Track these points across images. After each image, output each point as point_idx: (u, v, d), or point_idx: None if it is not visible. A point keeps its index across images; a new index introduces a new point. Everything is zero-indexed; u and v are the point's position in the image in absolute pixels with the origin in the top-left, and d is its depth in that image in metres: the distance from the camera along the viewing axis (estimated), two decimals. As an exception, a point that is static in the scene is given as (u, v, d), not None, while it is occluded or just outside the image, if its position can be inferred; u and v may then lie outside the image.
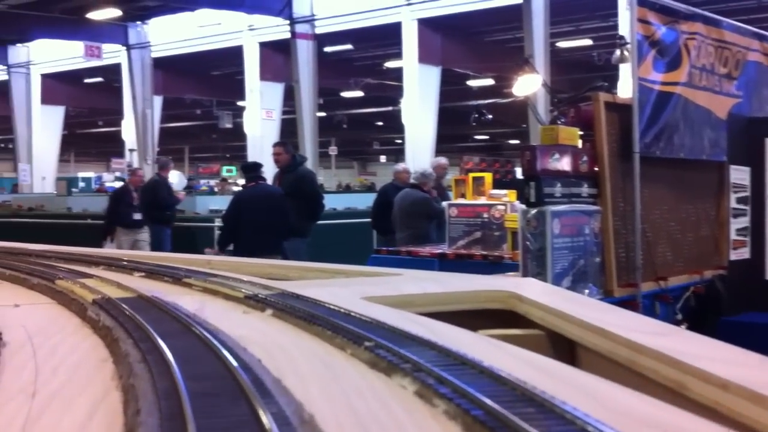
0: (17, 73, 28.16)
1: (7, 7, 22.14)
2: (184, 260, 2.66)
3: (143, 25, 24.82)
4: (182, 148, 45.03)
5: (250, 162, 9.11)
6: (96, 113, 35.49)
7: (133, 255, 2.89)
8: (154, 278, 2.10)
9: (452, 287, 1.99)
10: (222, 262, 2.65)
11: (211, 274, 2.07)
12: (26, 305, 1.70)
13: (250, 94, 23.23)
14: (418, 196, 8.46)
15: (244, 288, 1.80)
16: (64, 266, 2.20)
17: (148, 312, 1.46)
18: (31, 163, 28.44)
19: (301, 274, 2.42)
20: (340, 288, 1.94)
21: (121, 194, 11.75)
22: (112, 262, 2.39)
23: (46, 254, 2.71)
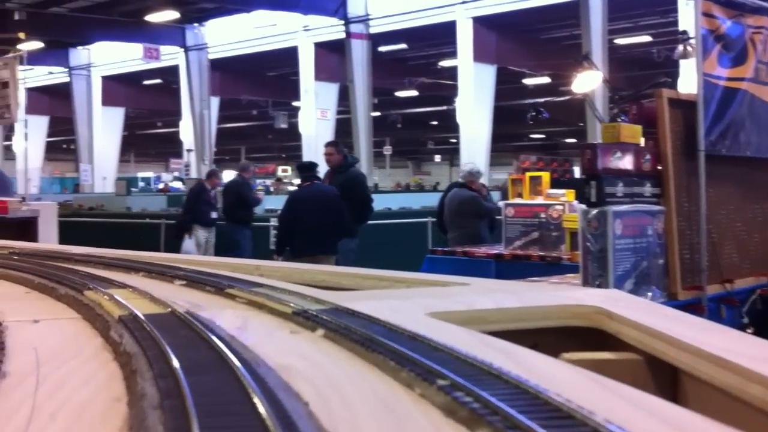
0: (78, 75, 28.75)
1: (69, 10, 22.61)
2: (231, 265, 2.46)
3: (200, 27, 25.12)
4: (238, 148, 45.49)
5: (306, 161, 9.11)
6: (155, 114, 36.08)
7: (177, 259, 2.68)
8: (195, 287, 1.91)
9: (530, 301, 1.76)
10: (271, 268, 2.43)
11: (258, 284, 1.86)
12: (47, 320, 1.54)
13: (305, 95, 23.33)
14: (467, 195, 8.39)
15: (292, 301, 1.57)
16: (99, 273, 2.05)
17: (178, 334, 1.26)
18: (92, 164, 29.00)
19: (356, 282, 2.19)
20: (401, 301, 1.68)
21: (200, 192, 11.96)
22: (153, 268, 2.23)
23: (85, 258, 2.56)
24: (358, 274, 2.26)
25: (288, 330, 1.40)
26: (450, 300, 1.73)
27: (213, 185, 12.11)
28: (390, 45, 24.22)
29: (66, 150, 41.96)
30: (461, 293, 1.89)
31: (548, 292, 1.96)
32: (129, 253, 2.93)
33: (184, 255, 3.16)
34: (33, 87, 29.67)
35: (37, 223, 7.16)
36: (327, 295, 1.73)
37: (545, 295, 1.87)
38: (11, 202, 7.08)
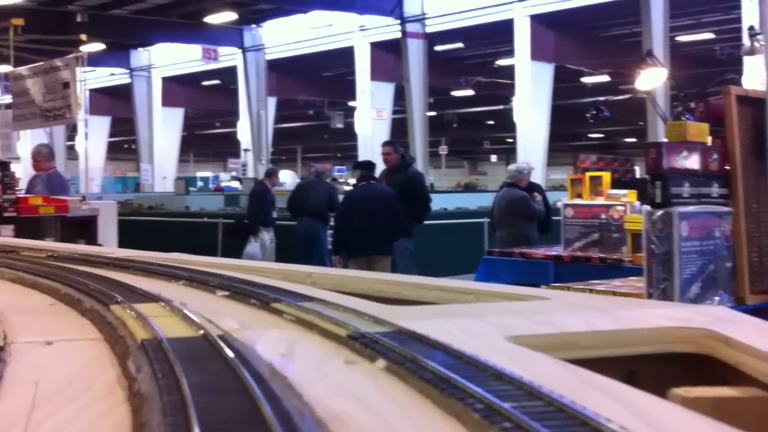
0: (139, 76, 29.24)
1: (129, 12, 23.00)
2: (281, 272, 2.28)
3: (258, 28, 25.32)
4: (295, 148, 45.81)
5: (362, 161, 9.08)
6: (213, 115, 36.52)
7: (224, 265, 2.46)
8: (238, 300, 1.70)
9: (625, 321, 1.49)
10: (325, 276, 2.18)
11: (308, 297, 1.62)
12: (62, 342, 1.32)
13: (361, 94, 23.35)
14: (515, 195, 8.30)
15: (348, 320, 1.33)
16: (135, 282, 1.84)
17: (205, 367, 1.04)
18: (153, 163, 29.46)
19: (418, 293, 1.91)
20: (473, 320, 1.43)
21: (264, 192, 11.99)
22: (196, 275, 2.01)
23: (124, 263, 2.41)
24: (420, 284, 2.00)
25: (342, 359, 1.16)
26: (530, 319, 1.48)
27: (272, 184, 12.16)
28: (446, 44, 24.10)
29: (127, 150, 42.74)
30: (542, 310, 1.64)
31: (645, 309, 1.66)
32: (175, 257, 2.74)
33: (232, 260, 2.87)
34: (95, 88, 30.28)
35: (97, 222, 7.25)
36: (387, 311, 1.51)
37: (642, 313, 1.59)
38: (72, 201, 7.19)
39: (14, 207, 6.75)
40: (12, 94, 9.12)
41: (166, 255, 2.84)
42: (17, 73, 9.10)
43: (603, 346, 1.35)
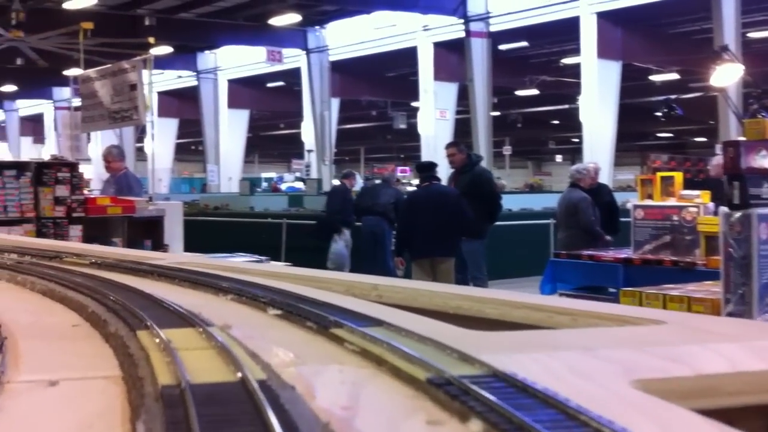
0: (206, 78, 29.64)
1: (196, 15, 23.33)
2: (343, 283, 2.00)
3: (321, 30, 25.43)
4: (358, 148, 45.94)
5: (425, 161, 9.01)
6: (278, 116, 36.85)
7: (282, 275, 2.24)
8: (292, 321, 1.44)
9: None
10: (393, 289, 1.91)
11: (376, 320, 1.33)
12: (71, 381, 1.09)
13: (424, 95, 23.25)
14: (573, 196, 8.15)
15: (427, 356, 1.05)
16: (175, 297, 1.62)
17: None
18: (219, 164, 29.83)
19: (502, 311, 1.65)
20: (583, 355, 1.13)
21: (345, 192, 12.12)
22: (247, 288, 1.78)
23: (171, 272, 2.15)
24: (504, 300, 1.71)
25: (423, 417, 0.89)
26: (653, 353, 1.18)
27: (351, 185, 12.28)
28: (510, 43, 23.84)
29: (194, 151, 43.42)
30: (662, 339, 1.32)
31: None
32: (230, 263, 2.54)
33: (291, 269, 2.63)
34: (163, 91, 30.83)
35: (164, 223, 7.33)
36: (472, 340, 1.23)
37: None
38: (138, 201, 7.27)
39: (83, 207, 6.85)
40: (80, 97, 9.30)
41: (219, 261, 2.67)
42: (86, 75, 9.27)
43: (751, 392, 1.08)
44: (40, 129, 36.89)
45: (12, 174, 6.63)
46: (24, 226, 6.62)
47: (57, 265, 2.47)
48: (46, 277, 2.06)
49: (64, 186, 6.78)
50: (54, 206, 6.72)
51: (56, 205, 6.73)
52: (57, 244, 3.58)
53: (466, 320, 1.60)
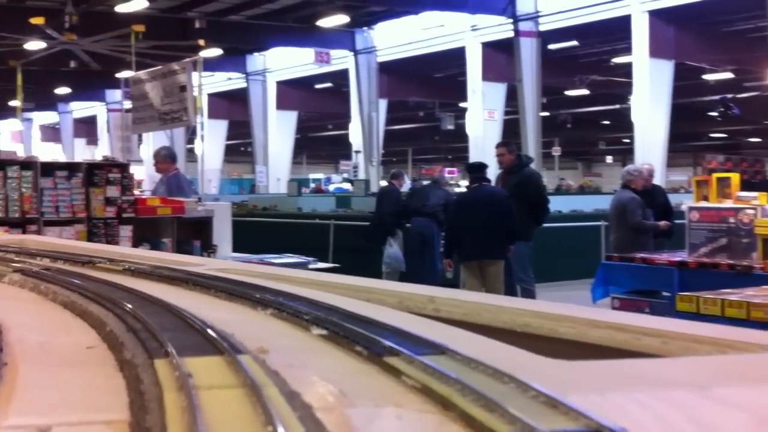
0: (255, 80, 29.86)
1: (245, 18, 23.50)
2: (397, 295, 1.82)
3: (369, 31, 25.44)
4: (405, 149, 45.89)
5: (475, 162, 8.90)
6: (325, 117, 36.98)
7: (329, 284, 2.04)
8: (338, 345, 1.24)
9: None
10: (451, 303, 1.71)
11: (437, 346, 1.13)
12: (66, 427, 0.92)
13: (473, 95, 23.11)
14: (623, 198, 7.99)
15: (503, 398, 0.86)
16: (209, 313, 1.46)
17: None
18: (267, 165, 30.02)
19: (578, 331, 1.44)
20: (699, 398, 0.91)
21: (397, 194, 12.03)
22: (290, 302, 1.60)
23: (210, 281, 1.95)
24: (580, 318, 1.48)
25: None
26: None
27: (399, 186, 12.18)
28: (560, 42, 23.57)
29: (243, 152, 43.81)
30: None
31: None
32: (273, 271, 2.33)
33: (340, 278, 2.16)
34: (213, 93, 31.15)
35: (212, 223, 7.36)
36: (554, 373, 1.04)
37: None
38: (188, 202, 7.31)
39: (133, 208, 6.91)
40: (131, 98, 9.41)
41: (262, 268, 2.49)
42: (136, 77, 9.38)
43: None
44: (94, 131, 37.54)
45: (64, 175, 6.71)
46: (75, 227, 6.70)
47: (87, 272, 2.33)
48: (71, 286, 1.91)
49: (114, 187, 6.84)
50: (105, 207, 6.79)
51: (107, 205, 6.80)
52: (93, 248, 3.44)
53: (537, 341, 1.41)
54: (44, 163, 6.82)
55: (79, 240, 6.66)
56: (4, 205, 6.45)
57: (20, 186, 6.51)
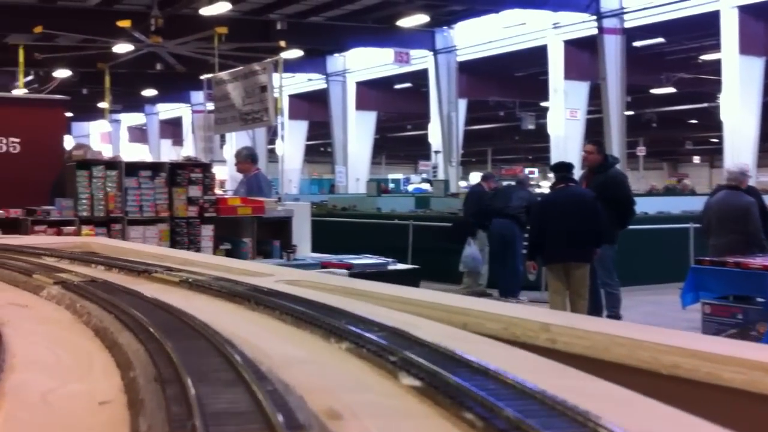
0: (335, 81, 30.04)
1: (325, 19, 23.64)
2: (503, 319, 1.50)
3: (449, 30, 25.29)
4: (485, 150, 45.53)
5: (561, 162, 8.67)
6: (405, 117, 36.96)
7: (420, 303, 1.74)
8: (440, 407, 0.93)
9: None
10: (570, 332, 1.37)
11: (575, 411, 0.83)
12: None
13: (554, 94, 22.73)
14: (743, 201, 7.61)
15: None
16: (268, 346, 1.27)
17: None
18: (347, 166, 30.17)
19: (750, 377, 1.10)
20: None
21: (482, 195, 11.92)
22: (371, 333, 1.30)
23: (277, 301, 1.66)
24: (749, 360, 1.12)
25: None
26: None
27: (489, 187, 12.01)
28: (646, 39, 22.97)
29: (323, 152, 44.15)
30: None
31: None
32: (351, 284, 2.03)
33: (429, 296, 1.76)
34: (294, 94, 31.47)
35: (292, 223, 7.37)
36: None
37: None
38: (267, 202, 7.33)
39: (214, 208, 6.97)
40: (214, 99, 9.52)
41: (338, 279, 2.15)
42: (218, 77, 9.49)
43: None
44: (179, 132, 38.39)
45: (147, 175, 6.80)
46: (158, 226, 6.79)
47: (138, 285, 2.08)
48: (110, 306, 1.63)
49: (196, 186, 6.91)
50: (187, 206, 6.85)
51: (189, 205, 6.86)
52: (157, 253, 3.23)
53: (692, 387, 1.10)
54: (128, 163, 6.93)
55: (161, 239, 6.75)
56: (89, 205, 6.57)
57: (105, 185, 6.63)
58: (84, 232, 6.47)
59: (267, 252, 7.14)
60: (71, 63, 22.15)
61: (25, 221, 6.48)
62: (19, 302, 1.97)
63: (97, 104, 27.21)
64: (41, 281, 2.14)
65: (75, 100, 23.42)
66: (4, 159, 9.63)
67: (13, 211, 6.63)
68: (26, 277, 2.27)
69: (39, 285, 2.12)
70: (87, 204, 6.57)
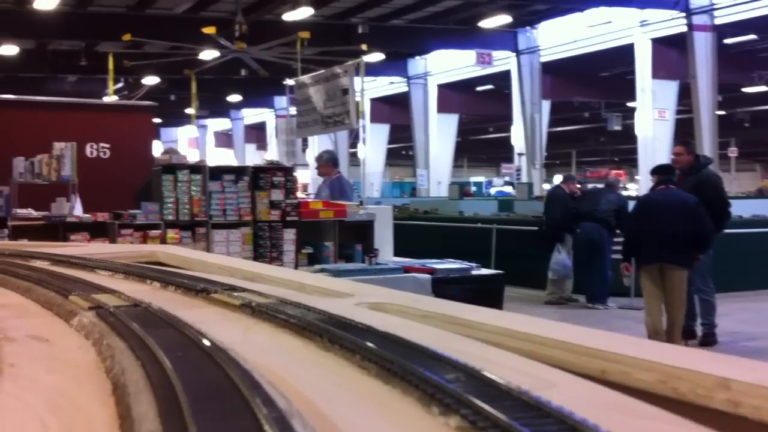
0: (416, 84, 29.99)
1: (407, 22, 23.60)
2: (657, 368, 1.17)
3: (532, 30, 24.94)
4: (569, 152, 44.80)
5: (662, 164, 8.52)
6: (487, 120, 36.65)
7: (534, 338, 1.44)
8: None
9: None
10: (754, 389, 1.03)
11: None
12: None
13: (641, 94, 22.14)
14: None
15: None
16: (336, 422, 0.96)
17: None
18: (428, 169, 30.08)
19: None
20: None
21: (566, 198, 11.61)
22: (487, 409, 0.91)
23: (355, 334, 1.36)
24: None
25: None
26: None
27: (570, 190, 11.72)
28: (737, 36, 22.19)
29: (404, 156, 44.16)
30: None
31: None
32: (451, 311, 1.65)
33: (553, 327, 1.43)
34: (375, 97, 31.54)
35: (374, 227, 7.30)
36: None
37: None
38: (349, 206, 7.29)
39: (296, 211, 6.96)
40: (296, 103, 9.55)
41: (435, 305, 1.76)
42: (300, 81, 9.52)
43: None
44: (263, 136, 38.96)
45: (231, 179, 6.84)
46: (241, 230, 6.81)
47: (188, 310, 1.78)
48: (143, 347, 1.30)
49: (279, 190, 6.91)
50: (269, 210, 6.86)
51: (271, 209, 6.87)
52: (225, 265, 2.92)
53: None
54: (212, 167, 6.98)
55: (244, 243, 6.77)
56: (174, 208, 6.64)
57: (190, 189, 6.68)
58: (169, 236, 6.54)
59: (348, 256, 7.09)
60: (159, 70, 22.69)
61: (112, 225, 6.59)
62: (41, 334, 1.68)
63: (185, 110, 27.81)
64: (76, 305, 1.86)
65: (163, 106, 23.98)
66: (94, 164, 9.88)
67: (100, 215, 6.74)
68: (62, 299, 1.98)
69: (72, 310, 1.82)
70: (172, 208, 6.64)
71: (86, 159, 9.52)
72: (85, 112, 11.27)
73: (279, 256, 6.79)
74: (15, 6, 19.66)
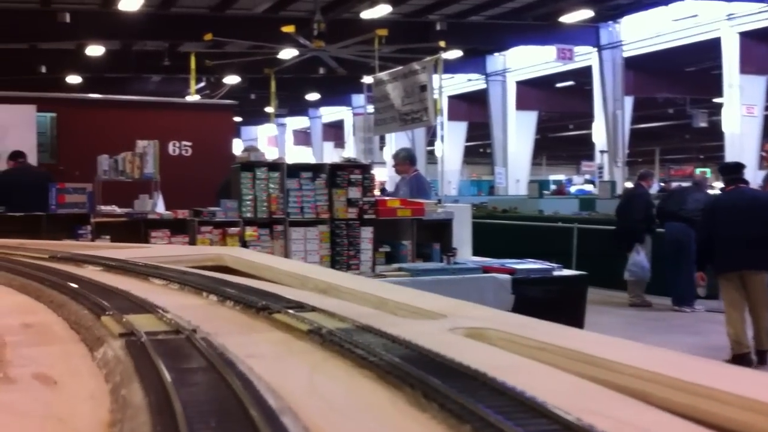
0: (494, 81, 29.71)
1: (485, 18, 23.38)
2: None
3: (615, 25, 24.40)
4: (652, 149, 43.74)
5: (730, 162, 8.11)
6: (566, 117, 36.08)
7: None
8: None
9: None
10: None
11: None
12: None
13: (729, 90, 21.44)
14: None
15: None
16: None
17: None
18: (506, 167, 29.77)
19: None
20: None
21: (647, 196, 11.27)
22: None
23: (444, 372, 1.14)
24: None
25: None
26: None
27: (648, 187, 11.39)
28: (832, 28, 21.29)
29: (482, 154, 43.83)
30: None
31: None
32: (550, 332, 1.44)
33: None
34: (453, 95, 31.35)
35: (452, 226, 7.20)
36: None
37: None
38: (427, 204, 7.21)
39: (374, 210, 6.90)
40: (373, 100, 9.52)
41: (549, 333, 1.46)
42: (378, 78, 9.48)
43: None
44: (341, 134, 39.20)
45: (308, 176, 6.83)
46: (319, 228, 6.80)
47: (243, 338, 1.55)
48: (166, 405, 1.02)
49: (356, 188, 6.87)
50: (347, 208, 6.83)
51: (349, 206, 6.83)
52: (296, 272, 2.63)
53: None
54: (290, 164, 6.98)
55: (322, 241, 6.75)
56: (253, 206, 6.67)
57: (268, 187, 6.70)
58: (247, 234, 6.57)
59: (426, 255, 7.00)
60: (239, 69, 23.01)
61: (191, 222, 6.65)
62: (52, 372, 1.35)
63: (264, 109, 28.18)
64: (107, 329, 1.55)
65: (243, 105, 24.33)
66: (177, 162, 10.06)
67: (180, 213, 6.82)
68: (94, 320, 1.68)
69: (100, 337, 1.51)
70: (250, 205, 6.67)
71: (169, 157, 9.70)
72: (168, 111, 11.49)
73: (356, 255, 6.75)
74: (101, 8, 20.21)
